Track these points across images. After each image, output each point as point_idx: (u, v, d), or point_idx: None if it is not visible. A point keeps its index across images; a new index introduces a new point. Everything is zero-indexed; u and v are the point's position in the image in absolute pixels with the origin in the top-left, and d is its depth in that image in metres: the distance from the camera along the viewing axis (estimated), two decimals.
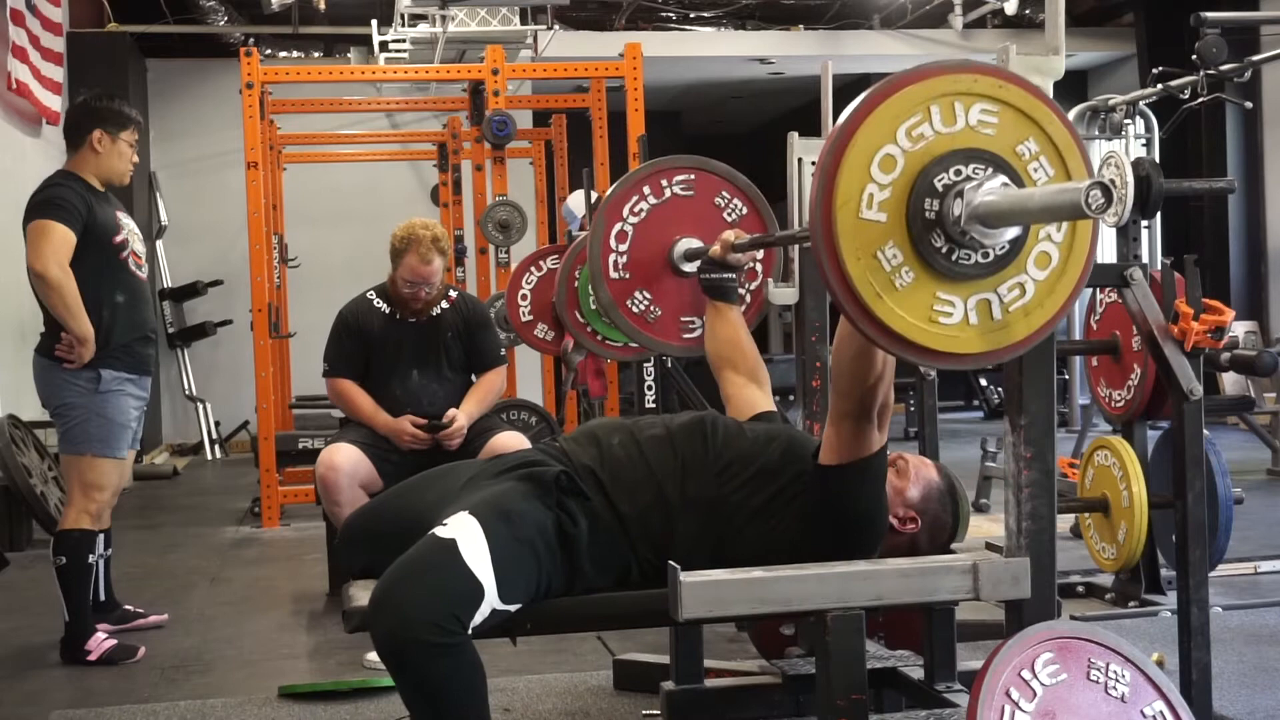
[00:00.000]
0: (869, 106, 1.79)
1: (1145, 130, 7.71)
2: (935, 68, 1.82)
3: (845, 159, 1.78)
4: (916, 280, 1.80)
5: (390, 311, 4.32)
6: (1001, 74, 1.83)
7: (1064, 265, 1.86)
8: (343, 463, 3.98)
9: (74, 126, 4.05)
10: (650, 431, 2.45)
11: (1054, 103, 1.85)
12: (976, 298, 1.83)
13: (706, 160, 3.19)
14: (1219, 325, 3.01)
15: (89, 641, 3.84)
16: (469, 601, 2.15)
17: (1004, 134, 1.82)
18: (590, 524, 2.31)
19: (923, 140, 1.80)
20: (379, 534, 2.46)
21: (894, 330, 1.80)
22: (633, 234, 3.11)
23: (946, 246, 1.80)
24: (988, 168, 1.80)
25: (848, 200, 1.78)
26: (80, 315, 3.83)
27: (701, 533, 2.32)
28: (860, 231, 1.78)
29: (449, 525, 2.22)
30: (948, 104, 1.81)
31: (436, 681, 2.15)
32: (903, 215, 1.80)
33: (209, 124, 10.48)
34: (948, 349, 1.83)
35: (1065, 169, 1.85)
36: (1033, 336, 1.87)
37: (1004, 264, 1.82)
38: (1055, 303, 1.86)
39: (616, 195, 3.11)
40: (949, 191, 1.79)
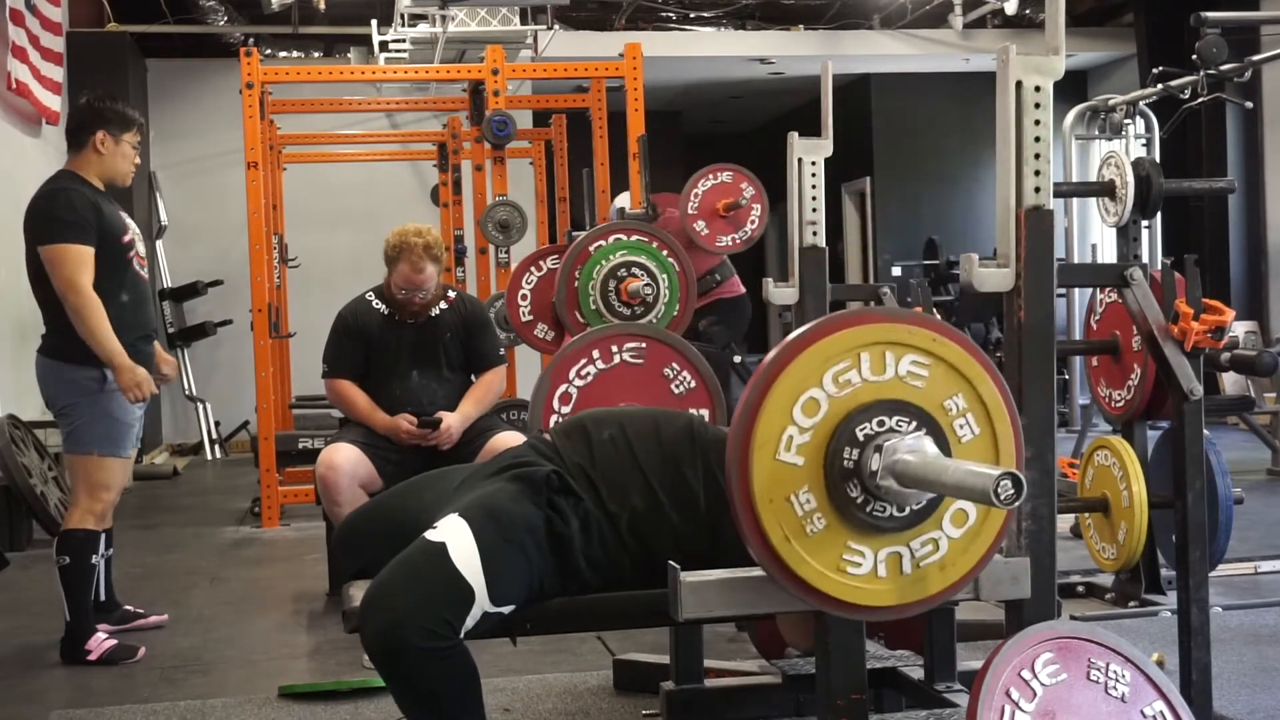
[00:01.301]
0: (799, 347, 1.78)
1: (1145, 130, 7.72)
2: (871, 314, 1.82)
3: (768, 398, 1.77)
4: (828, 528, 1.79)
5: (389, 313, 4.32)
6: (938, 328, 1.83)
7: (980, 525, 1.85)
8: (343, 463, 3.99)
9: (77, 127, 4.03)
10: (639, 426, 2.44)
11: (990, 363, 1.84)
12: (887, 550, 1.82)
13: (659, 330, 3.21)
14: (1219, 325, 3.01)
15: (89, 641, 3.84)
16: (459, 605, 2.15)
17: (933, 388, 1.82)
18: (582, 523, 2.30)
19: (849, 387, 1.79)
20: (375, 535, 2.46)
21: (799, 576, 1.79)
22: (576, 397, 3.13)
23: (862, 498, 1.79)
24: (912, 421, 1.79)
25: (766, 441, 1.77)
26: (106, 337, 3.81)
27: (693, 529, 2.32)
28: (776, 473, 1.78)
29: (439, 528, 2.22)
30: (878, 352, 1.80)
31: (428, 686, 2.15)
32: (821, 461, 1.79)
33: (209, 124, 10.47)
34: (852, 599, 1.82)
35: (992, 429, 1.84)
36: (943, 593, 1.85)
37: (920, 519, 1.81)
38: (969, 561, 1.85)
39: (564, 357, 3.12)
40: (869, 443, 1.78)
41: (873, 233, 12.19)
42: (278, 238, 8.33)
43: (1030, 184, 2.00)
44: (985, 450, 1.85)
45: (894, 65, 11.60)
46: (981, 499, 1.62)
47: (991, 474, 1.59)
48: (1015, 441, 1.86)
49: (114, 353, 3.81)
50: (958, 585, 1.86)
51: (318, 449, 4.87)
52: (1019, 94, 1.99)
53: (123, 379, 3.82)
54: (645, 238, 4.13)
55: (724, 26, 11.05)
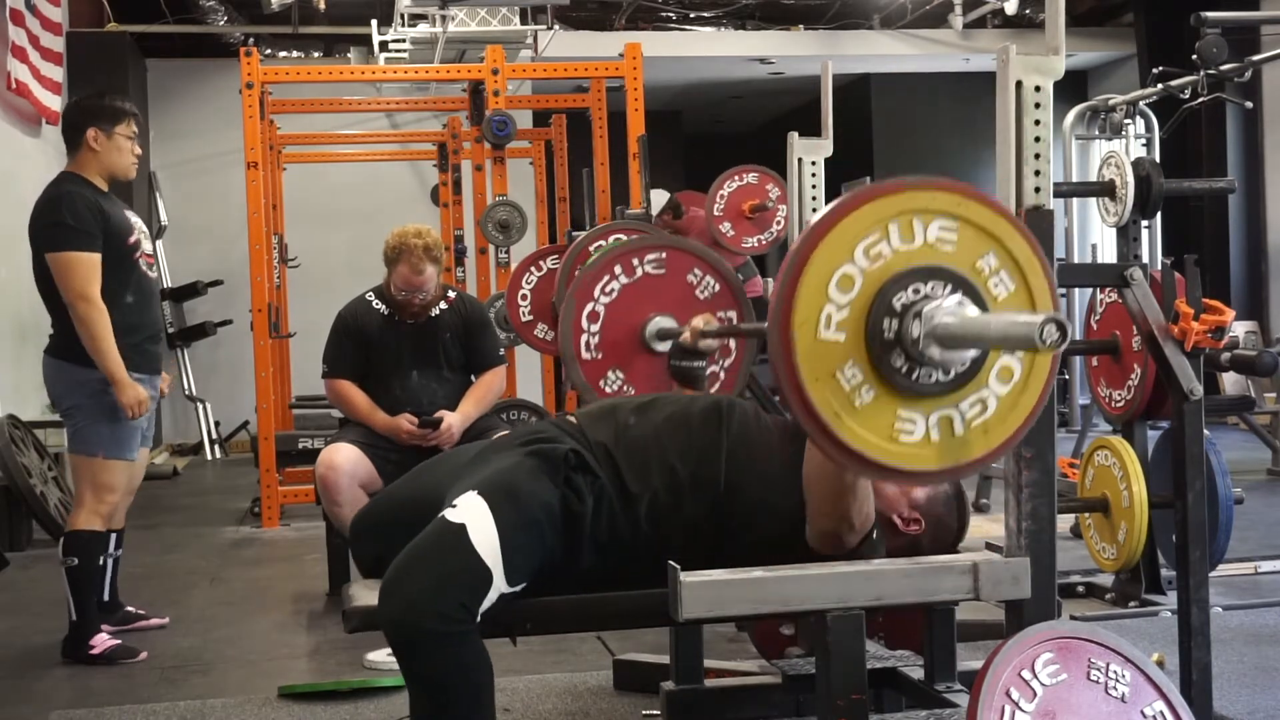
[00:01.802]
0: (826, 226, 1.78)
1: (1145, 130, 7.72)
2: (894, 185, 1.81)
3: (803, 279, 1.77)
4: (877, 399, 1.79)
5: (389, 313, 4.33)
6: (961, 190, 1.82)
7: (1026, 380, 1.85)
8: (343, 463, 3.99)
9: (70, 128, 4.02)
10: (667, 411, 2.44)
11: (1015, 218, 1.84)
12: (938, 414, 1.82)
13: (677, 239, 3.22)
14: (1219, 325, 3.01)
15: (92, 640, 3.84)
16: (477, 589, 2.15)
17: (963, 250, 1.81)
18: (596, 502, 2.30)
19: (881, 259, 1.79)
20: (391, 521, 2.45)
21: (854, 449, 1.79)
22: (604, 314, 3.12)
23: (906, 366, 1.78)
24: (947, 285, 1.79)
25: (805, 320, 1.77)
26: (109, 352, 3.78)
27: (706, 516, 2.32)
28: (819, 352, 1.77)
29: (459, 507, 2.22)
30: (906, 221, 1.79)
31: (444, 671, 2.15)
32: (862, 335, 1.78)
33: (209, 124, 10.48)
34: (910, 466, 1.81)
35: (1026, 284, 1.84)
36: (993, 453, 1.86)
37: (965, 381, 1.81)
38: (1018, 417, 1.85)
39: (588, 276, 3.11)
40: (907, 311, 1.77)
41: None
42: (278, 238, 8.33)
43: (1030, 184, 2.00)
44: (1022, 304, 1.85)
45: (894, 65, 11.60)
46: (1026, 346, 1.62)
47: (1035, 320, 1.59)
48: (1050, 292, 1.85)
49: (115, 368, 3.79)
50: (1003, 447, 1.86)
51: (318, 449, 4.87)
52: (1019, 94, 1.99)
53: (123, 396, 3.80)
54: None
55: (724, 26, 11.05)
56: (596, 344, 3.10)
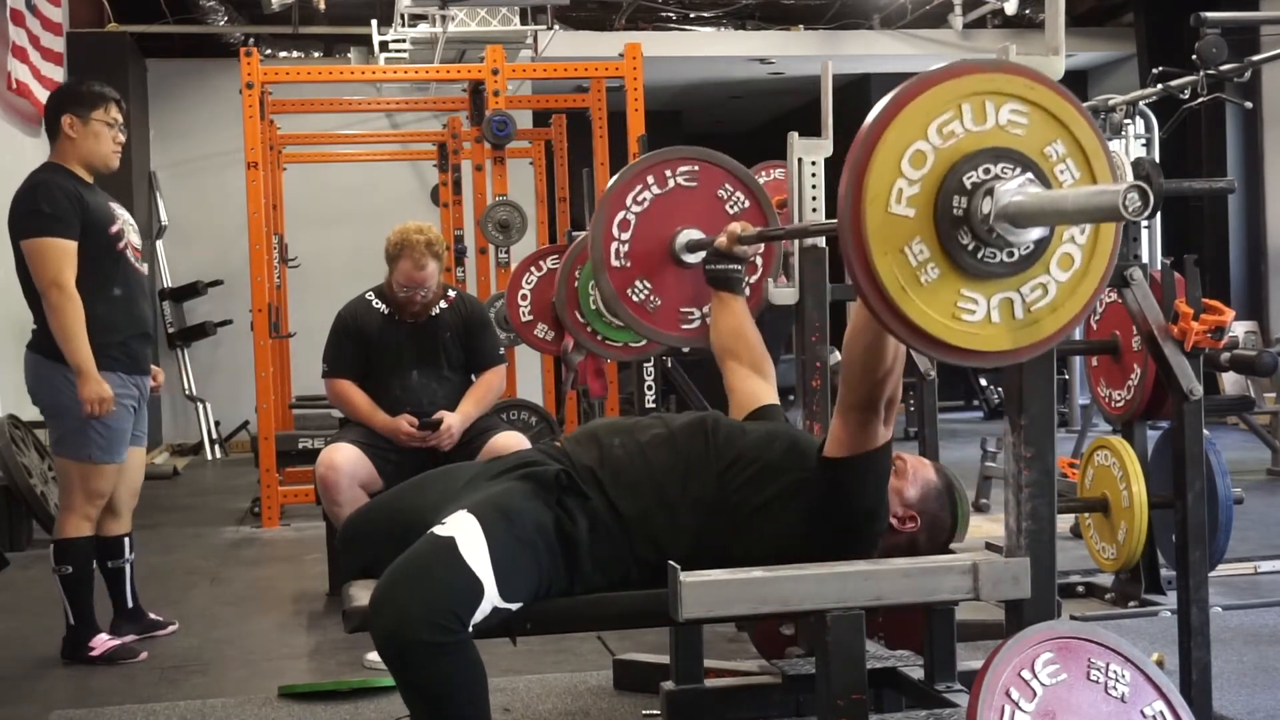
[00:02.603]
0: (902, 102, 1.79)
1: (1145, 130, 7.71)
2: (967, 65, 1.82)
3: (876, 154, 1.78)
4: (942, 277, 1.80)
5: (389, 312, 4.33)
6: (1031, 74, 1.83)
7: (1086, 267, 1.86)
8: (343, 463, 3.99)
9: (48, 116, 3.92)
10: (652, 431, 2.45)
11: (1082, 106, 1.85)
12: (1000, 296, 1.82)
13: (710, 152, 3.20)
14: (1219, 325, 3.01)
15: (92, 640, 3.84)
16: (469, 600, 2.15)
17: (1033, 135, 1.82)
18: (590, 523, 2.30)
19: (953, 138, 1.80)
20: (379, 534, 2.46)
21: (918, 325, 1.80)
22: (635, 223, 3.11)
23: (973, 244, 1.79)
24: (1016, 167, 1.80)
25: (878, 195, 1.78)
26: (78, 342, 3.65)
27: (703, 532, 2.32)
28: (889, 226, 1.78)
29: (448, 524, 2.22)
30: (979, 102, 1.81)
31: (437, 681, 2.15)
32: (931, 211, 1.79)
33: (209, 124, 10.48)
34: (969, 345, 1.82)
35: (1091, 172, 1.85)
36: (1055, 335, 1.86)
37: (1028, 264, 1.82)
38: (1077, 303, 1.86)
39: (620, 184, 3.11)
40: (978, 189, 1.78)
41: None
42: (278, 238, 8.33)
43: None
44: None
45: (894, 65, 11.58)
46: (1110, 215, 1.62)
47: (1117, 188, 1.59)
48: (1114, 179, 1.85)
49: (83, 360, 3.66)
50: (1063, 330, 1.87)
51: (318, 449, 4.87)
52: None
53: (84, 390, 3.65)
54: None
55: (724, 26, 11.05)
56: (626, 252, 3.10)
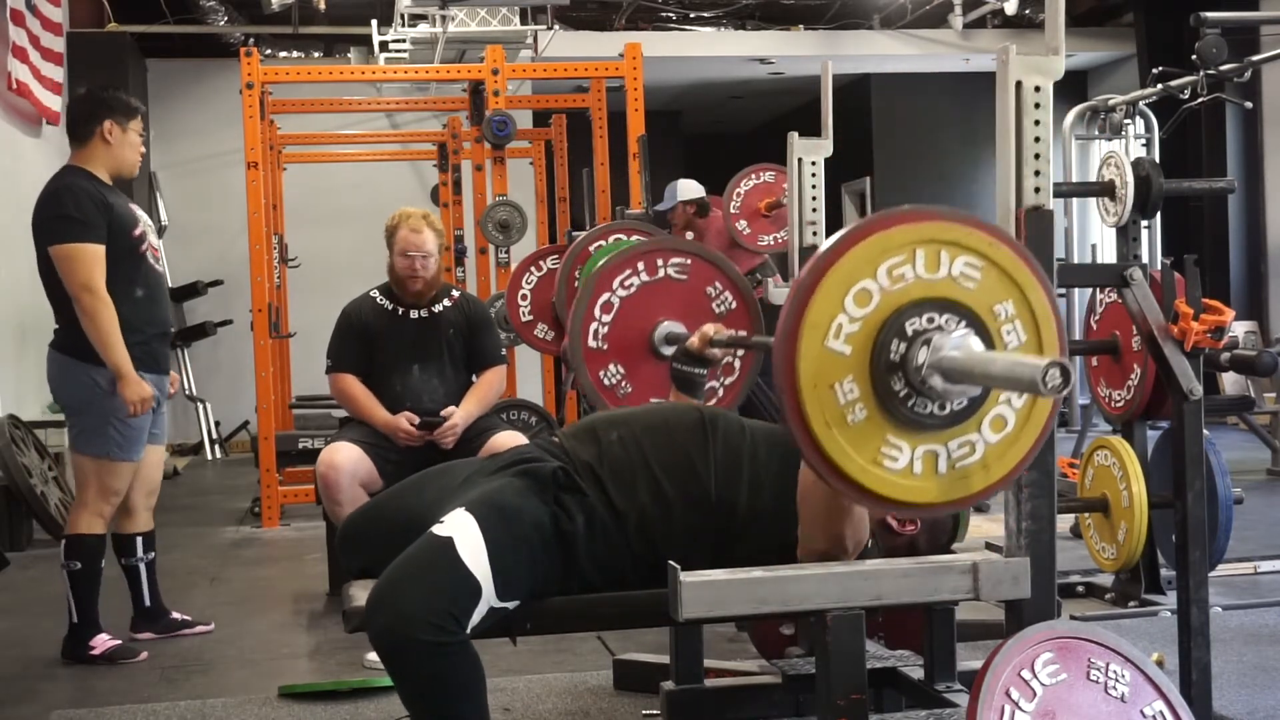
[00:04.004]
0: (857, 237, 1.79)
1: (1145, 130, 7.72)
2: (930, 212, 1.82)
3: (823, 284, 1.77)
4: (868, 419, 1.80)
5: (393, 308, 4.36)
6: (995, 232, 1.83)
7: (1018, 433, 1.86)
8: (343, 462, 3.99)
9: (82, 119, 3.93)
10: (648, 424, 2.44)
11: (1040, 270, 1.85)
12: (924, 448, 1.82)
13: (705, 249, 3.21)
14: (1219, 325, 3.01)
15: (93, 639, 3.83)
16: (466, 600, 2.15)
17: (984, 291, 1.82)
18: (587, 520, 2.30)
19: (902, 281, 1.79)
20: (378, 533, 2.46)
21: (836, 465, 1.79)
22: (619, 306, 3.12)
23: (905, 391, 1.79)
24: (961, 321, 1.79)
25: (816, 326, 1.77)
26: (116, 345, 3.71)
27: (699, 530, 2.32)
28: (822, 360, 1.78)
29: (446, 523, 2.22)
30: (934, 251, 1.80)
31: (435, 681, 2.15)
32: (867, 352, 1.79)
33: (209, 124, 10.48)
34: (887, 493, 1.82)
35: (1038, 337, 1.85)
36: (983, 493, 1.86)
37: (959, 420, 1.81)
38: (1002, 468, 1.86)
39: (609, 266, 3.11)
40: (917, 337, 1.78)
41: None
42: (278, 238, 8.33)
43: (1030, 184, 2.00)
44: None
45: (894, 65, 11.60)
46: (1029, 388, 1.61)
47: (1039, 363, 1.59)
48: (1061, 351, 1.86)
49: (121, 361, 3.72)
50: (995, 487, 1.86)
51: (318, 449, 4.87)
52: (1019, 94, 1.99)
53: (127, 392, 3.72)
54: (645, 238, 4.13)
55: (724, 26, 11.04)
56: (604, 334, 3.10)
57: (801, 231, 3.15)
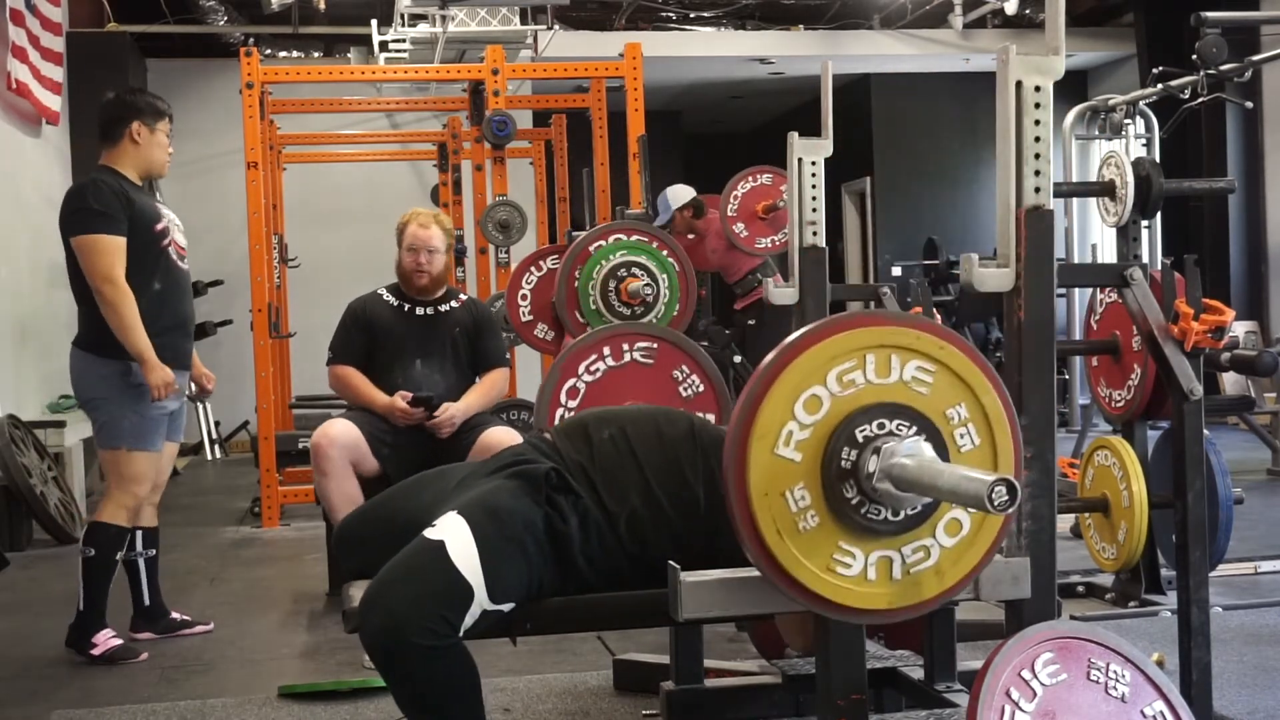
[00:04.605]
0: (805, 344, 1.79)
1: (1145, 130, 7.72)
2: (880, 317, 1.81)
3: (771, 391, 1.77)
4: (820, 526, 1.79)
5: (399, 304, 4.43)
6: (944, 334, 1.83)
7: (974, 536, 1.85)
8: (337, 435, 4.09)
9: (112, 121, 3.99)
10: (638, 425, 2.44)
11: (993, 372, 1.84)
12: (879, 554, 1.82)
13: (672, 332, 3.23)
14: (1219, 325, 3.01)
15: (96, 635, 3.83)
16: (458, 603, 2.15)
17: (936, 395, 1.82)
18: (581, 521, 2.30)
19: (852, 387, 1.79)
20: (373, 535, 2.47)
21: (790, 573, 1.79)
22: (584, 392, 3.14)
23: (857, 499, 1.79)
24: (913, 426, 1.79)
25: (765, 434, 1.77)
26: (136, 332, 3.76)
27: (689, 533, 2.32)
28: (773, 468, 1.78)
29: (438, 526, 2.23)
30: (884, 356, 1.80)
31: (428, 684, 2.15)
32: (819, 459, 1.79)
33: (209, 124, 10.48)
34: (842, 600, 1.82)
35: (993, 440, 1.85)
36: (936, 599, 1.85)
37: (914, 525, 1.81)
38: (962, 570, 1.86)
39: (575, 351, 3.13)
40: (868, 444, 1.78)
41: (873, 233, 12.19)
42: (278, 238, 8.33)
43: (1030, 184, 2.00)
44: (984, 461, 1.85)
45: (894, 65, 11.60)
46: (975, 504, 1.62)
47: (986, 480, 1.59)
48: (1015, 454, 1.86)
49: (143, 348, 3.77)
50: (950, 591, 1.86)
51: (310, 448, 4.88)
52: (1019, 94, 1.99)
53: (150, 376, 3.78)
54: (645, 238, 4.13)
55: (724, 26, 11.05)
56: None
57: (802, 232, 3.15)
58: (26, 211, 7.39)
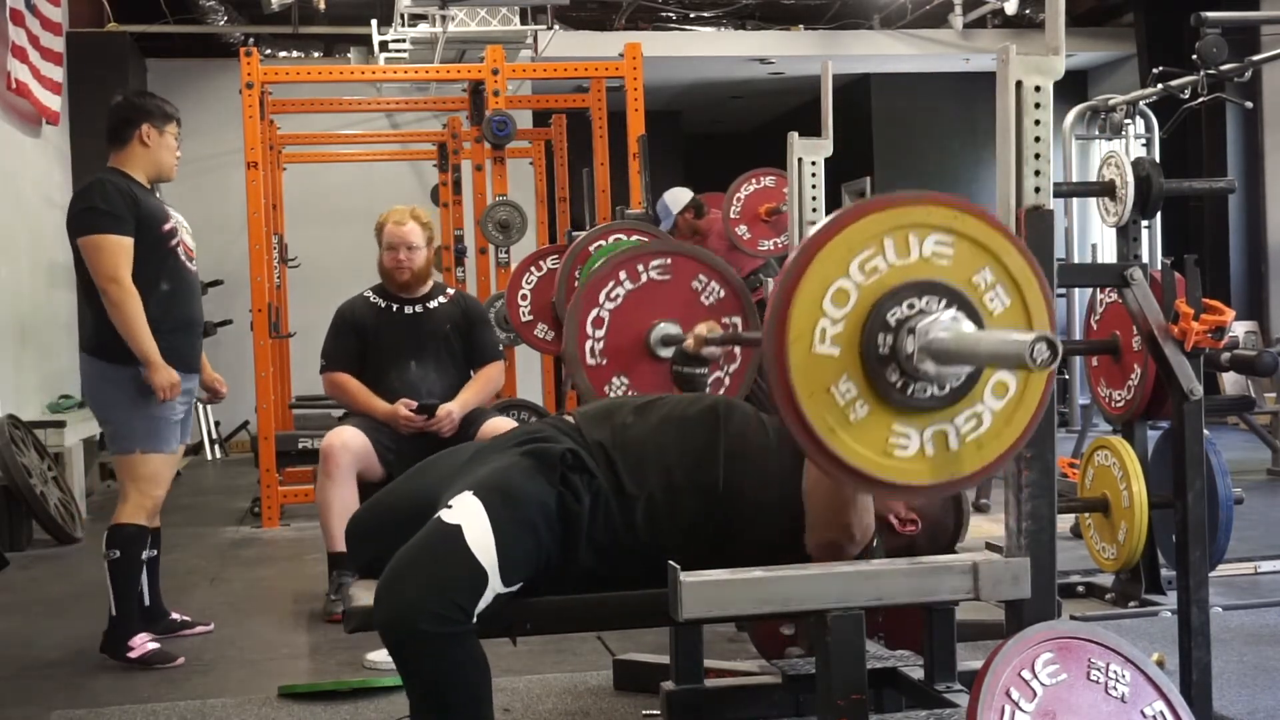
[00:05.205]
0: (822, 240, 1.78)
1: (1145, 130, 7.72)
2: (889, 199, 1.81)
3: (798, 293, 1.77)
4: (871, 414, 1.80)
5: (385, 304, 4.42)
6: (956, 204, 1.82)
7: (1021, 394, 1.86)
8: (349, 440, 4.14)
9: (121, 123, 3.97)
10: (664, 412, 2.44)
11: (1011, 233, 1.84)
12: (933, 429, 1.82)
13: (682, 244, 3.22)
14: (1219, 325, 3.01)
15: (133, 639, 3.81)
16: (473, 589, 2.15)
17: (959, 265, 1.82)
18: (593, 501, 2.29)
19: (876, 273, 1.79)
20: (385, 524, 2.45)
21: (848, 463, 1.79)
22: (610, 319, 3.12)
23: (901, 381, 1.79)
24: (942, 299, 1.79)
25: (800, 335, 1.77)
26: (141, 333, 3.75)
27: (705, 518, 2.31)
28: (813, 366, 1.77)
29: (454, 508, 2.21)
30: (902, 236, 1.80)
31: (441, 672, 2.15)
32: (856, 349, 1.79)
33: (209, 124, 10.46)
34: (902, 480, 1.82)
35: (1022, 299, 1.84)
36: (987, 468, 1.86)
37: (961, 395, 1.81)
38: (1012, 433, 1.86)
39: (592, 281, 3.12)
40: (901, 326, 1.78)
41: None
42: (278, 238, 8.33)
43: (1030, 184, 2.00)
44: (1018, 319, 1.85)
45: (894, 65, 11.60)
46: (1017, 364, 1.62)
47: (1025, 339, 1.59)
48: (1047, 307, 1.86)
49: (147, 349, 3.76)
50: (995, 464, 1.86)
51: (317, 449, 4.88)
52: (1019, 94, 1.99)
53: (155, 377, 3.77)
54: (646, 238, 4.13)
55: (724, 26, 11.05)
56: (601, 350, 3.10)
57: (802, 231, 3.15)
58: (26, 211, 7.39)
